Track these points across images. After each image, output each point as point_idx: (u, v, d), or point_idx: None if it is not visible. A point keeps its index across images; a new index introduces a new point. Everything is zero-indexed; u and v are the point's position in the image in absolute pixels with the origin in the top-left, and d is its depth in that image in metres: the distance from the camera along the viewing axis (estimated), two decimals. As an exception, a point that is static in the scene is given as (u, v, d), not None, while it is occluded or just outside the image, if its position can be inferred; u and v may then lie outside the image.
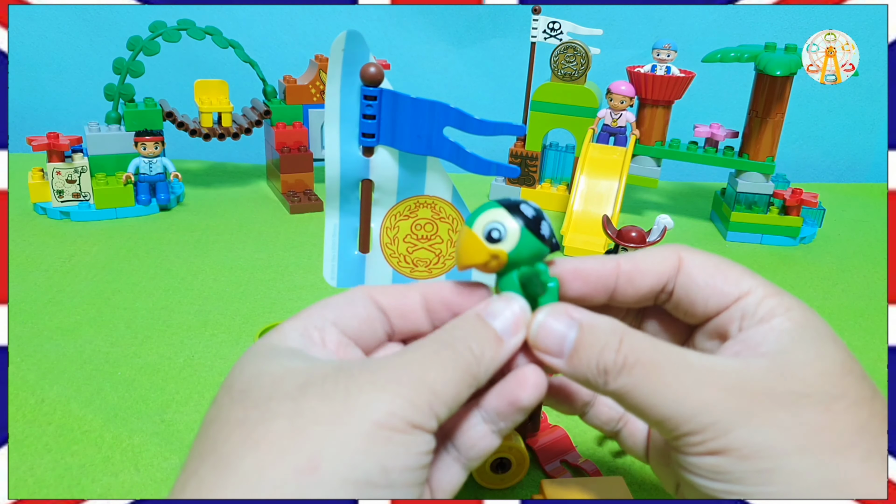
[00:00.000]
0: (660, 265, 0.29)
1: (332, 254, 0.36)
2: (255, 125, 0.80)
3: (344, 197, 0.35)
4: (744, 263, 0.29)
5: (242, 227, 0.75)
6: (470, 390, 0.25)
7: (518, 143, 0.86)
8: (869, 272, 0.72)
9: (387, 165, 0.34)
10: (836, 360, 0.26)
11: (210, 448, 0.23)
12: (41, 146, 0.72)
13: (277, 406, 0.23)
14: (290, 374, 0.24)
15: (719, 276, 0.28)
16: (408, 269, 0.37)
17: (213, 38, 0.77)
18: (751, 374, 0.25)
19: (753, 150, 0.77)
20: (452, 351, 0.25)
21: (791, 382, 0.25)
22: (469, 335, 0.26)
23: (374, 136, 0.33)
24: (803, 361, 0.25)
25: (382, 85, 0.33)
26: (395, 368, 0.24)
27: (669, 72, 0.78)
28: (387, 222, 0.36)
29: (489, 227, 0.27)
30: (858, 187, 1.02)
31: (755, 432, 0.24)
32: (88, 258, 0.65)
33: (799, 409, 0.24)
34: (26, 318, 0.54)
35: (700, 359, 0.26)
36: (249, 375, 0.25)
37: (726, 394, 0.25)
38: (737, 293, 0.28)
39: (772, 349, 0.26)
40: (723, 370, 0.25)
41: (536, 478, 0.40)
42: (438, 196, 0.36)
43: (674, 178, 0.98)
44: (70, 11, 1.02)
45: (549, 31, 0.82)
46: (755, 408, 0.24)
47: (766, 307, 0.27)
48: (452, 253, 0.36)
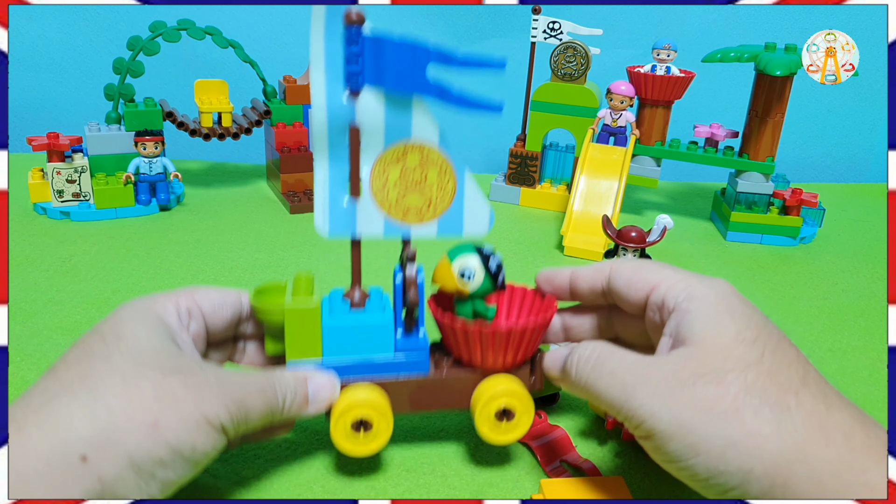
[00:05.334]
0: (597, 274, 0.39)
1: (322, 203, 0.36)
2: (255, 125, 0.80)
3: (332, 143, 0.35)
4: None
5: (242, 227, 0.75)
6: (265, 423, 0.35)
7: (518, 143, 0.86)
8: (869, 272, 0.72)
9: (373, 108, 0.35)
10: (729, 333, 0.31)
11: (89, 375, 0.30)
12: (41, 146, 0.72)
13: (152, 374, 0.31)
14: (167, 355, 0.32)
15: (635, 276, 0.37)
16: (400, 215, 0.37)
17: (213, 38, 0.77)
18: (664, 365, 0.32)
19: (753, 150, 0.77)
20: (270, 394, 0.34)
21: (692, 365, 0.31)
22: (288, 389, 0.35)
23: (358, 76, 0.34)
24: (701, 342, 0.31)
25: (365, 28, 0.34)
26: (231, 386, 0.33)
27: (669, 72, 0.78)
28: (376, 168, 0.36)
29: (463, 269, 0.37)
30: (858, 187, 1.02)
31: (669, 413, 0.30)
32: (88, 258, 0.65)
33: (696, 389, 0.30)
34: (26, 318, 0.54)
35: (631, 357, 0.33)
36: (135, 337, 0.32)
37: (644, 381, 0.31)
38: (646, 288, 0.36)
39: (682, 336, 0.32)
40: (645, 365, 0.32)
41: (536, 478, 0.40)
42: (426, 141, 0.36)
43: (674, 178, 0.98)
44: (70, 11, 1.02)
45: (549, 31, 0.82)
46: (666, 392, 0.30)
47: (672, 297, 0.34)
48: (443, 198, 0.37)
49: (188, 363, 0.33)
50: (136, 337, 0.32)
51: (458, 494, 0.39)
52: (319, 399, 0.37)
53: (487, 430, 0.39)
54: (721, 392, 0.30)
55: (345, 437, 0.37)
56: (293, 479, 0.39)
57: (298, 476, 0.39)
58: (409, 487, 0.39)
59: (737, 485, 0.29)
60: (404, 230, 0.37)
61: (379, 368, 0.38)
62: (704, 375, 0.30)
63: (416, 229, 0.37)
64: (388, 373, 0.39)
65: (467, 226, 0.38)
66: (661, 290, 0.35)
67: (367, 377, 0.38)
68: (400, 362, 0.39)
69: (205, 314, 0.37)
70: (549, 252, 0.73)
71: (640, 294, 0.36)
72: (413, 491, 0.39)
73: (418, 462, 0.41)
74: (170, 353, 0.33)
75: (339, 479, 0.39)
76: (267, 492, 0.38)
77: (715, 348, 0.31)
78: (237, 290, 0.39)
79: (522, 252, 0.73)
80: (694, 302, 0.33)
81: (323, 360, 0.38)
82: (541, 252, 0.73)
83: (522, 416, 0.39)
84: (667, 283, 0.35)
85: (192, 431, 0.30)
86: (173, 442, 0.30)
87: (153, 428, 0.29)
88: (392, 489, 0.39)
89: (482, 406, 0.38)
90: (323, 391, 0.37)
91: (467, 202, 0.38)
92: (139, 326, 0.33)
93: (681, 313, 0.33)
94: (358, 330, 0.38)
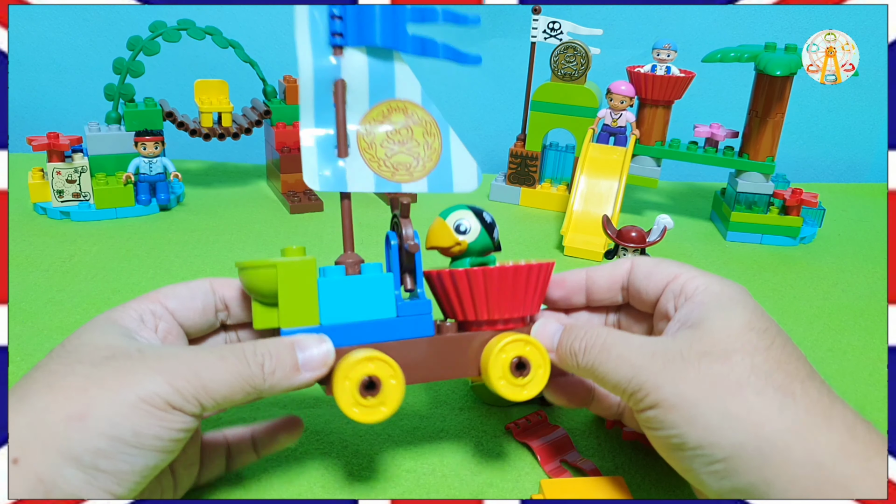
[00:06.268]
0: (616, 269, 0.39)
1: (312, 161, 0.36)
2: (255, 125, 0.80)
3: (318, 101, 0.36)
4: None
5: (242, 227, 0.75)
6: (247, 396, 0.32)
7: (518, 143, 0.86)
8: (869, 272, 0.72)
9: (357, 67, 0.36)
10: (741, 321, 0.33)
11: (23, 385, 0.30)
12: (41, 146, 0.72)
13: (81, 368, 0.30)
14: (106, 348, 0.31)
15: (655, 269, 0.37)
16: (389, 173, 0.37)
17: (213, 38, 0.77)
18: (671, 344, 0.33)
19: (753, 150, 0.77)
20: (238, 361, 0.32)
21: (699, 345, 0.32)
22: (268, 355, 0.32)
23: (342, 34, 0.35)
24: (711, 327, 0.33)
25: None
26: (176, 361, 0.31)
27: (669, 72, 0.78)
28: (362, 127, 0.37)
29: (458, 222, 0.37)
30: (858, 187, 1.02)
31: (674, 387, 0.31)
32: (88, 258, 0.65)
33: (702, 365, 0.31)
34: (26, 318, 0.54)
35: (638, 339, 0.34)
36: (80, 341, 0.32)
37: (652, 360, 0.32)
38: (667, 278, 0.37)
39: (693, 321, 0.34)
40: (653, 344, 0.33)
41: (536, 478, 0.40)
42: (409, 100, 0.37)
43: (674, 178, 0.98)
44: (70, 11, 1.02)
45: (549, 31, 0.82)
46: (672, 368, 0.31)
47: (690, 287, 0.35)
48: (430, 156, 0.38)
49: (127, 351, 0.31)
50: (83, 342, 0.32)
51: (458, 494, 0.39)
52: (312, 364, 0.33)
53: (505, 385, 0.35)
54: (726, 370, 0.31)
55: (352, 399, 0.33)
56: (293, 479, 0.39)
57: (298, 476, 0.39)
58: (409, 487, 0.39)
59: (723, 458, 0.30)
60: (395, 186, 0.37)
61: (380, 331, 0.35)
62: (710, 354, 0.31)
63: (407, 186, 0.37)
64: (390, 336, 0.35)
65: (457, 183, 0.38)
66: (681, 281, 0.36)
67: (367, 342, 0.35)
68: (403, 323, 0.36)
69: (173, 311, 0.36)
70: (549, 252, 0.73)
71: (658, 285, 0.37)
72: (413, 491, 0.39)
73: (418, 462, 0.41)
74: (110, 347, 0.31)
75: (339, 479, 0.39)
76: (267, 492, 0.38)
77: (724, 332, 0.32)
78: (206, 279, 0.37)
79: (522, 252, 0.73)
80: (709, 294, 0.35)
81: (321, 325, 0.34)
82: (541, 252, 0.73)
83: (539, 369, 0.36)
84: (686, 275, 0.36)
85: (128, 415, 0.29)
86: (107, 430, 0.28)
87: (81, 419, 0.28)
88: (392, 489, 0.39)
89: (495, 357, 0.35)
90: (315, 356, 0.33)
91: (454, 159, 0.38)
92: (94, 334, 0.32)
93: (694, 303, 0.35)
94: (357, 286, 0.35)
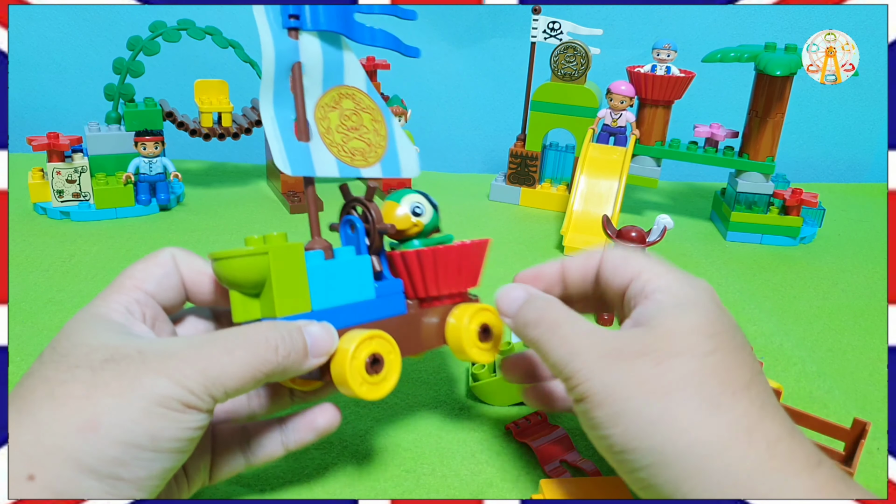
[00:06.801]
0: (589, 260, 0.38)
1: (277, 144, 0.37)
2: (255, 125, 0.80)
3: (278, 84, 0.37)
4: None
5: (242, 227, 0.75)
6: (257, 384, 0.31)
7: (518, 143, 0.86)
8: (869, 272, 0.72)
9: (313, 50, 0.38)
10: (689, 324, 0.32)
11: (21, 396, 0.28)
12: (41, 146, 0.72)
13: (80, 373, 0.28)
14: (102, 348, 0.29)
15: (622, 264, 0.36)
16: (348, 158, 0.39)
17: (213, 38, 0.77)
18: (614, 338, 0.32)
19: (753, 150, 0.77)
20: (247, 351, 0.31)
21: (639, 344, 0.31)
22: (282, 339, 0.32)
23: (298, 17, 0.37)
24: (658, 327, 0.32)
25: None
26: (183, 359, 0.29)
27: (669, 72, 0.78)
28: (318, 113, 0.38)
29: (414, 205, 0.39)
30: (858, 187, 1.02)
31: (602, 380, 0.31)
32: (88, 258, 0.65)
33: (636, 364, 0.31)
34: (26, 318, 0.54)
35: (589, 326, 0.33)
36: (72, 343, 0.30)
37: (591, 348, 0.32)
38: (632, 275, 0.35)
39: (643, 319, 0.33)
40: (599, 334, 0.33)
41: (536, 478, 0.40)
42: (356, 87, 0.40)
43: (674, 178, 0.98)
44: (70, 11, 1.02)
45: (549, 31, 0.82)
46: (605, 361, 0.31)
47: (651, 286, 0.34)
48: (380, 142, 0.40)
49: (125, 351, 0.29)
50: (75, 344, 0.30)
51: (458, 494, 0.39)
52: (318, 350, 0.33)
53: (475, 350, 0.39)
54: (657, 373, 0.30)
55: (360, 377, 0.34)
56: (293, 479, 0.39)
57: (298, 476, 0.39)
58: (409, 487, 0.39)
59: (646, 465, 0.29)
60: (354, 171, 0.39)
61: (363, 312, 0.36)
62: (647, 354, 0.31)
63: (365, 171, 0.39)
64: (371, 316, 0.37)
65: (404, 168, 0.41)
66: (643, 279, 0.35)
67: (352, 325, 0.36)
68: (382, 303, 0.37)
69: (153, 294, 0.34)
70: (549, 252, 0.73)
71: (623, 281, 0.36)
72: (413, 491, 0.39)
73: (418, 462, 0.41)
74: (106, 347, 0.30)
75: (339, 479, 0.39)
76: (267, 492, 0.38)
77: (668, 334, 0.31)
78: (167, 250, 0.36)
79: (522, 252, 0.73)
80: (667, 294, 0.33)
81: (313, 310, 0.35)
82: (541, 252, 0.73)
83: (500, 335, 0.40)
84: (649, 273, 0.35)
85: (141, 420, 0.27)
86: (122, 437, 0.27)
87: (93, 429, 0.27)
88: (392, 489, 0.39)
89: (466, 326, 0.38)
90: (321, 341, 0.33)
91: (399, 146, 0.41)
92: (85, 334, 0.31)
93: (651, 301, 0.34)
94: (342, 269, 0.36)
